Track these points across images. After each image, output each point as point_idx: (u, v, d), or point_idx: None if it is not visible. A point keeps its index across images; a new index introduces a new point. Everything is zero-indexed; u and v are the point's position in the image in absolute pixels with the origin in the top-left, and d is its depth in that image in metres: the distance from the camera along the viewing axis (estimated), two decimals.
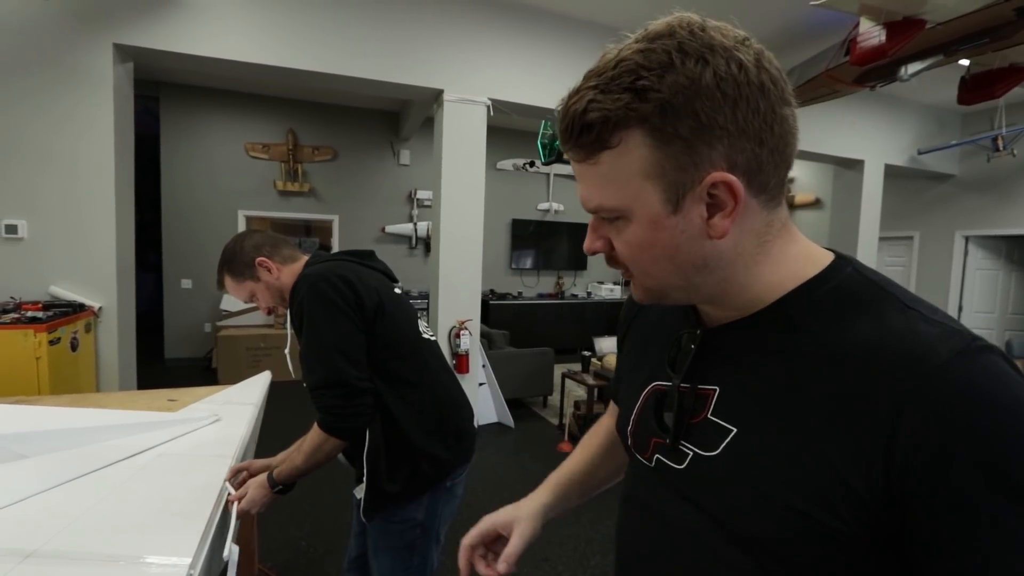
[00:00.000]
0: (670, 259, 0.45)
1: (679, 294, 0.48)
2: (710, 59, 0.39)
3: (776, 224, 0.46)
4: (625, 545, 0.59)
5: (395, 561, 1.19)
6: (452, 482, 1.23)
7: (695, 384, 0.50)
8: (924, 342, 0.39)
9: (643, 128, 0.41)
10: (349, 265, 1.20)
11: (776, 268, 0.46)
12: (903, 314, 0.42)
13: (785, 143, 0.43)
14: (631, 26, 0.43)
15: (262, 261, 1.24)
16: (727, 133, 0.40)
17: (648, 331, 0.62)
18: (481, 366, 3.95)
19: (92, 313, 2.85)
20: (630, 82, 0.40)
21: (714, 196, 0.42)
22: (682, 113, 0.40)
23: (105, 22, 2.80)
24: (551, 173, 7.11)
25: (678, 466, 0.50)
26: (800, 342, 0.44)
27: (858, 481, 0.38)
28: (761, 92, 0.40)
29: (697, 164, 0.41)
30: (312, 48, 3.18)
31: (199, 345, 5.78)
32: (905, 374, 0.38)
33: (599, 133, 0.42)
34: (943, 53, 3.21)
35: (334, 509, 2.62)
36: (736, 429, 0.46)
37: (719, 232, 0.43)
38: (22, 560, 0.86)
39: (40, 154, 2.76)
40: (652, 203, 0.43)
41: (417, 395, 1.19)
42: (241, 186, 5.79)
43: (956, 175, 5.86)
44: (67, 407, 1.56)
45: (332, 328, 1.09)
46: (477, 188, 3.67)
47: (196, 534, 0.96)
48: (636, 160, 0.42)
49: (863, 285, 0.45)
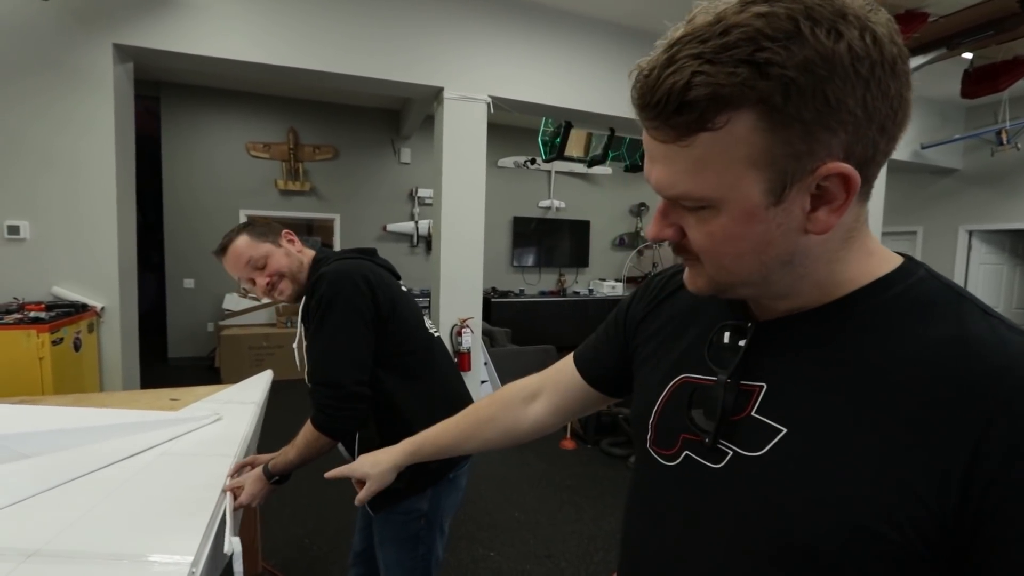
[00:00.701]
0: (757, 255, 0.40)
1: (747, 290, 0.44)
2: (844, 30, 0.33)
3: (863, 217, 0.42)
4: (635, 548, 0.56)
5: (400, 551, 1.21)
6: (455, 474, 1.24)
7: (737, 380, 0.46)
8: (1013, 352, 0.36)
9: (758, 109, 0.34)
10: (368, 264, 1.20)
11: (853, 266, 0.42)
12: (983, 320, 0.39)
13: (902, 131, 0.38)
14: (633, 23, 0.42)
15: (287, 233, 1.27)
16: (854, 119, 0.35)
17: (679, 319, 0.57)
18: (483, 364, 3.95)
19: (95, 313, 2.86)
20: (748, 53, 0.33)
21: (822, 188, 0.37)
22: (809, 94, 0.33)
23: (105, 22, 2.80)
24: (552, 170, 7.10)
25: (714, 465, 0.46)
26: (870, 342, 0.40)
27: (930, 493, 0.35)
28: (893, 72, 0.35)
29: (813, 152, 0.35)
30: (312, 47, 3.17)
31: (202, 344, 5.80)
32: (995, 383, 0.35)
33: (703, 112, 0.35)
34: (946, 46, 3.19)
35: (337, 506, 2.63)
36: (786, 429, 0.42)
37: (821, 228, 0.38)
38: (25, 559, 0.86)
39: (41, 155, 2.77)
40: (752, 194, 0.37)
41: (427, 389, 1.22)
42: (242, 186, 5.79)
43: (960, 169, 5.83)
44: (69, 407, 1.57)
45: (346, 330, 1.10)
46: (478, 186, 3.66)
47: (198, 533, 0.96)
48: (742, 145, 0.36)
49: (939, 289, 0.41)
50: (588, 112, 3.93)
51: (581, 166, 6.64)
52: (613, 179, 7.43)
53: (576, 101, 3.85)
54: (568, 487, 2.94)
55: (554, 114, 4.19)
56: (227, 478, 1.17)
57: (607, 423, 3.69)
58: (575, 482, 3.02)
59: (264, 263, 1.22)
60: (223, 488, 1.13)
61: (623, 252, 7.76)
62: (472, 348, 3.68)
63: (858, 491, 0.37)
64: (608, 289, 7.25)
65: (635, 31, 3.83)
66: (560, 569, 2.21)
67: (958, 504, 0.35)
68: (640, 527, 0.55)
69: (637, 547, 0.56)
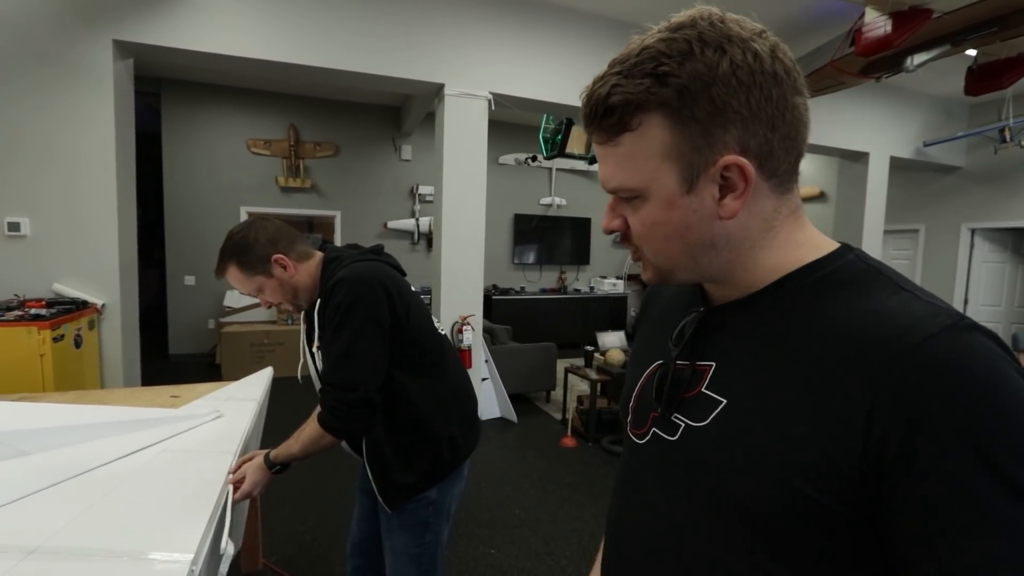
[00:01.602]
0: (681, 237, 0.47)
1: (685, 274, 0.50)
2: (727, 49, 0.42)
3: (784, 210, 0.48)
4: (614, 523, 0.61)
5: (409, 538, 1.23)
6: (462, 466, 1.29)
7: (694, 360, 0.52)
8: (911, 318, 0.39)
9: (662, 111, 0.43)
10: (383, 269, 1.20)
11: (779, 252, 0.48)
12: (896, 294, 0.42)
13: (796, 131, 0.45)
14: (634, 19, 0.44)
15: (279, 259, 1.19)
16: (740, 117, 0.42)
17: (658, 316, 0.64)
18: (484, 361, 3.95)
19: (96, 310, 2.86)
20: (652, 68, 0.42)
21: (727, 178, 0.44)
22: (699, 98, 0.42)
23: (105, 18, 2.80)
24: (553, 168, 7.09)
25: (671, 437, 0.52)
26: (792, 320, 0.46)
27: (839, 454, 0.39)
28: (774, 80, 0.43)
29: (712, 146, 0.43)
30: (313, 43, 3.16)
31: (203, 341, 5.80)
32: (888, 346, 0.38)
33: (621, 116, 0.44)
34: (950, 43, 3.18)
35: (337, 502, 2.63)
36: (725, 401, 0.47)
37: (729, 212, 0.45)
38: (25, 556, 0.86)
39: (41, 151, 2.77)
40: (669, 183, 0.45)
41: (440, 386, 1.24)
42: (243, 182, 5.79)
43: (963, 167, 5.81)
44: (70, 404, 1.57)
45: (365, 337, 1.11)
46: (479, 183, 3.66)
47: (199, 530, 0.96)
48: (655, 142, 0.44)
49: (862, 270, 0.46)
50: None
51: (582, 163, 6.64)
52: None
53: (577, 98, 3.81)
54: (569, 485, 2.94)
55: (555, 111, 4.18)
56: (228, 474, 1.17)
57: (608, 421, 3.69)
58: (576, 480, 3.02)
59: (257, 294, 1.24)
60: (226, 481, 1.14)
61: (624, 250, 7.73)
62: (473, 345, 3.68)
63: (780, 454, 0.42)
64: (609, 287, 7.25)
65: (637, 28, 3.81)
66: (560, 567, 2.21)
67: (860, 461, 0.38)
68: (616, 503, 0.61)
69: (614, 522, 0.61)
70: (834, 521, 0.40)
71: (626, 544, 0.57)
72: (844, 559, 0.41)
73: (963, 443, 0.35)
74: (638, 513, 0.56)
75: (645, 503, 0.55)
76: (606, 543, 0.63)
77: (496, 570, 2.17)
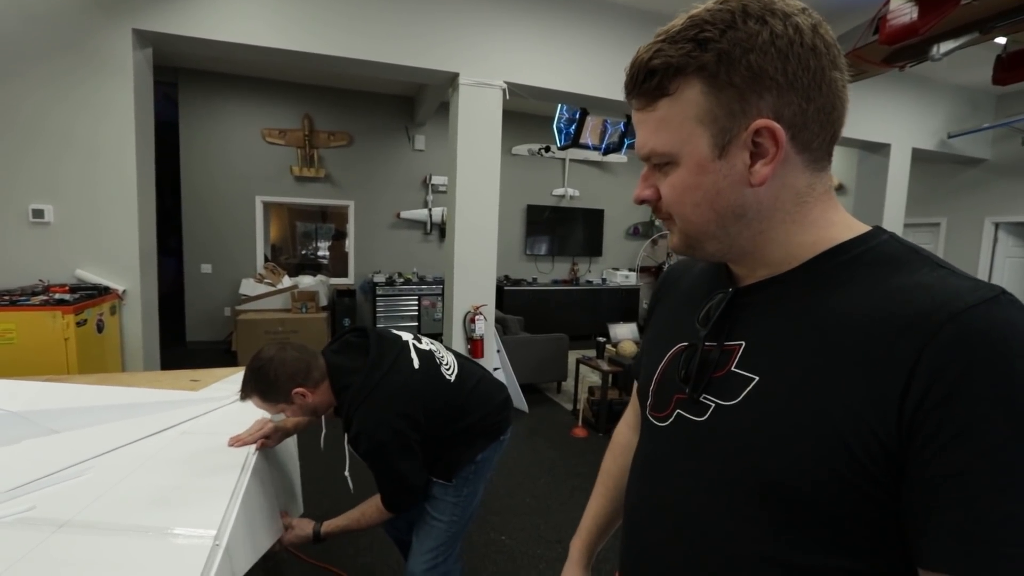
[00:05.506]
0: (710, 204, 0.47)
1: (713, 244, 0.50)
2: (769, 20, 0.43)
3: (819, 188, 0.48)
4: (634, 507, 0.60)
5: (448, 489, 1.39)
6: (505, 436, 1.47)
7: (722, 340, 0.51)
8: (952, 291, 0.40)
9: (700, 76, 0.44)
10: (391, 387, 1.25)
11: (812, 230, 0.48)
12: (934, 271, 0.42)
13: (832, 105, 0.45)
14: (651, 7, 0.44)
15: (299, 392, 1.24)
16: (776, 84, 0.43)
17: (681, 298, 0.63)
18: (496, 351, 3.97)
19: (117, 296, 2.92)
20: (694, 35, 0.44)
21: (758, 144, 0.45)
22: (737, 63, 0.43)
23: (124, 7, 2.82)
24: (567, 158, 7.03)
25: (699, 419, 0.51)
26: (827, 296, 0.45)
27: (877, 421, 0.39)
28: (813, 52, 0.43)
29: (746, 112, 0.44)
30: (328, 32, 3.16)
31: (219, 328, 5.90)
32: (929, 317, 0.38)
33: (660, 79, 0.45)
34: (979, 30, 3.07)
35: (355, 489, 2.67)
36: (758, 378, 0.47)
37: (759, 179, 0.45)
38: (56, 529, 0.90)
39: (62, 139, 2.81)
40: (701, 147, 0.46)
41: (467, 420, 1.38)
42: (258, 172, 5.83)
43: (988, 159, 5.65)
44: (96, 385, 1.61)
45: (402, 460, 1.27)
46: (492, 173, 3.65)
47: (220, 507, 0.99)
48: (691, 106, 0.45)
49: (898, 250, 0.46)
50: (605, 99, 3.87)
51: (596, 154, 6.58)
52: (628, 168, 7.34)
53: (593, 87, 3.79)
54: (579, 474, 2.96)
55: (570, 100, 4.13)
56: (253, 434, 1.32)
57: (619, 412, 3.68)
58: (586, 469, 3.03)
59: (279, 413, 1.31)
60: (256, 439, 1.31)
61: (637, 241, 7.70)
62: (485, 335, 3.69)
63: (817, 427, 0.41)
64: (621, 279, 7.21)
65: (654, 16, 3.75)
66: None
67: (895, 428, 0.38)
68: (638, 487, 0.60)
69: (634, 504, 0.60)
70: (871, 496, 0.40)
71: (649, 528, 0.57)
72: (865, 543, 0.41)
73: (1000, 409, 0.35)
74: (661, 496, 0.55)
75: (669, 486, 0.54)
76: (625, 529, 0.62)
77: (507, 556, 2.20)
